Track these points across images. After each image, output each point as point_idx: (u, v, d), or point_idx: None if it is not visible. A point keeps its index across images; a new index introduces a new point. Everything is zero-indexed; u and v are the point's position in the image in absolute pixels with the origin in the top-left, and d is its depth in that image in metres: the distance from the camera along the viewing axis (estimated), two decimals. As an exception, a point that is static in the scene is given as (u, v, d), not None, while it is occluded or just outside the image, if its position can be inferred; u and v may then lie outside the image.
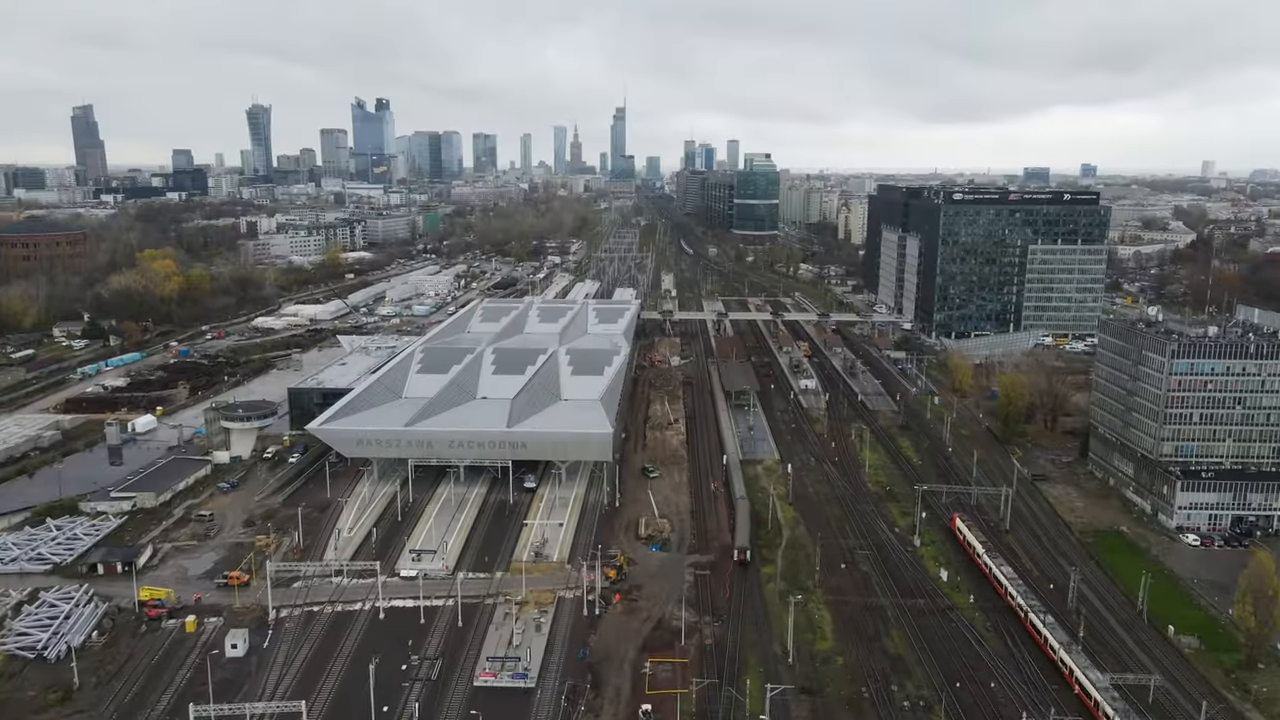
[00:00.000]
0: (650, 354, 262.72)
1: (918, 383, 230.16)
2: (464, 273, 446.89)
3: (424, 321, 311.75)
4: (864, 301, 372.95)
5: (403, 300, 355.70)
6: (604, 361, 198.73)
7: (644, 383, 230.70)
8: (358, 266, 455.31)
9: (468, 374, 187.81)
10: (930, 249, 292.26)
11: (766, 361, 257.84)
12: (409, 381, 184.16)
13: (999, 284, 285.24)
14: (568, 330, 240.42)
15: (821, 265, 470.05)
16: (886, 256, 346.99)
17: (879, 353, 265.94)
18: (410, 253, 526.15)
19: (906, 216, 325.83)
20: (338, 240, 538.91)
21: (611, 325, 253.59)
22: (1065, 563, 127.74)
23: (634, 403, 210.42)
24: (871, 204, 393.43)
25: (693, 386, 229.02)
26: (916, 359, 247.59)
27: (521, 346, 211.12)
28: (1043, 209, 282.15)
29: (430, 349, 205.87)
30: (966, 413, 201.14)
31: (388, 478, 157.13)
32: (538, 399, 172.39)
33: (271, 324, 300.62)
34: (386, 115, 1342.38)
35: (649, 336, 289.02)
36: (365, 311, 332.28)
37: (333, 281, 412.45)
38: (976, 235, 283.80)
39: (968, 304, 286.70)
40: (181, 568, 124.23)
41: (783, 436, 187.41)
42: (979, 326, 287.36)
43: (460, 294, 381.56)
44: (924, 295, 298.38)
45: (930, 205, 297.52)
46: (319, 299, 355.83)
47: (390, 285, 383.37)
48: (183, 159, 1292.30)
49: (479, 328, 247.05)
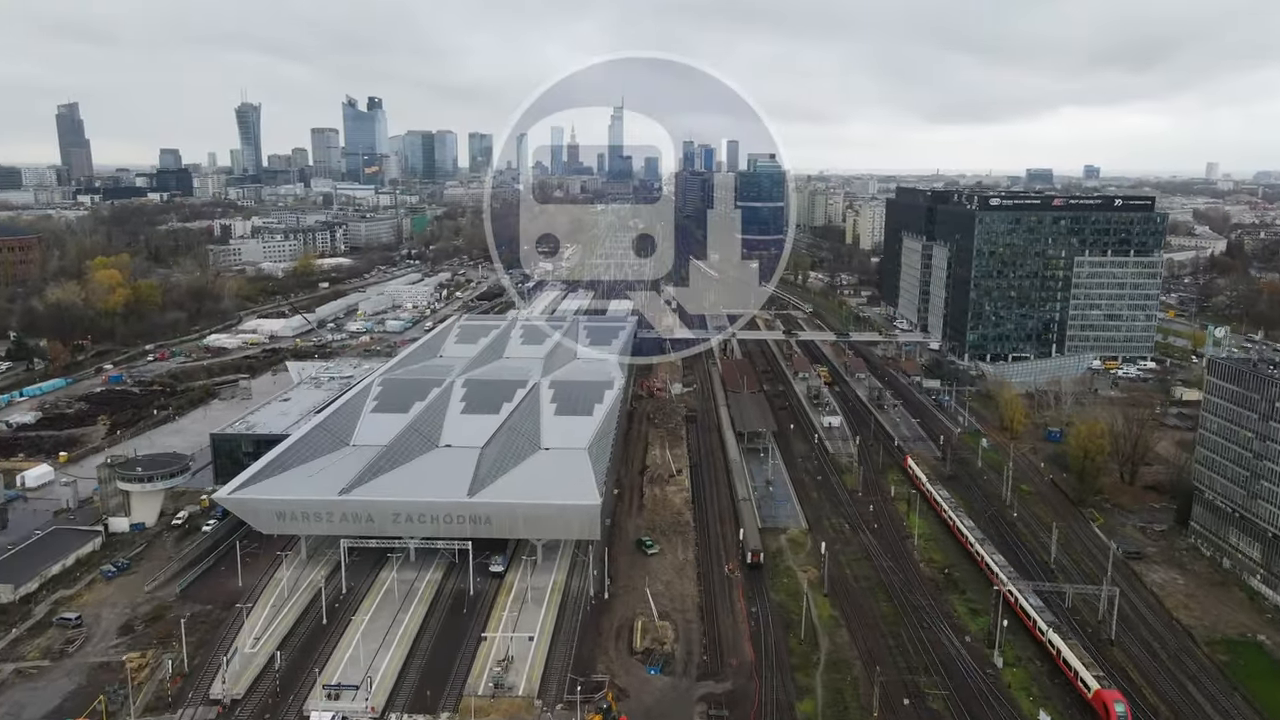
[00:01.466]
0: (649, 380, 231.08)
1: (959, 419, 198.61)
2: (448, 281, 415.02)
3: (397, 339, 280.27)
4: (881, 315, 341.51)
5: (376, 314, 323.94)
6: (594, 397, 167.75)
7: (641, 417, 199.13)
8: (334, 274, 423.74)
9: (432, 414, 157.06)
10: (962, 260, 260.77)
11: (781, 390, 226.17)
12: (361, 424, 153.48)
13: (1041, 300, 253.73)
14: (554, 354, 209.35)
15: (832, 273, 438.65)
16: (908, 267, 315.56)
17: (907, 379, 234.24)
18: (393, 259, 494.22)
19: (931, 223, 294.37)
20: (316, 245, 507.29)
21: (604, 347, 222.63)
22: (1196, 689, 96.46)
23: (629, 445, 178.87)
24: (889, 208, 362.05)
25: (697, 423, 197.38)
26: (954, 389, 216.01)
27: (498, 377, 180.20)
28: (1091, 216, 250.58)
29: (390, 381, 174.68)
30: (1023, 459, 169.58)
31: (319, 558, 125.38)
32: (513, 448, 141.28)
33: (225, 342, 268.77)
34: (379, 114, 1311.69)
35: (647, 356, 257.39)
36: (333, 327, 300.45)
37: (305, 291, 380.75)
38: (1016, 245, 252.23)
39: (1005, 322, 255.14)
40: (15, 709, 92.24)
41: (807, 493, 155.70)
42: (1017, 348, 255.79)
43: (441, 306, 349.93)
44: (954, 312, 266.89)
45: (962, 212, 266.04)
46: (284, 312, 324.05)
47: (366, 296, 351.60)
48: (170, 158, 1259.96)
49: (453, 350, 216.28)
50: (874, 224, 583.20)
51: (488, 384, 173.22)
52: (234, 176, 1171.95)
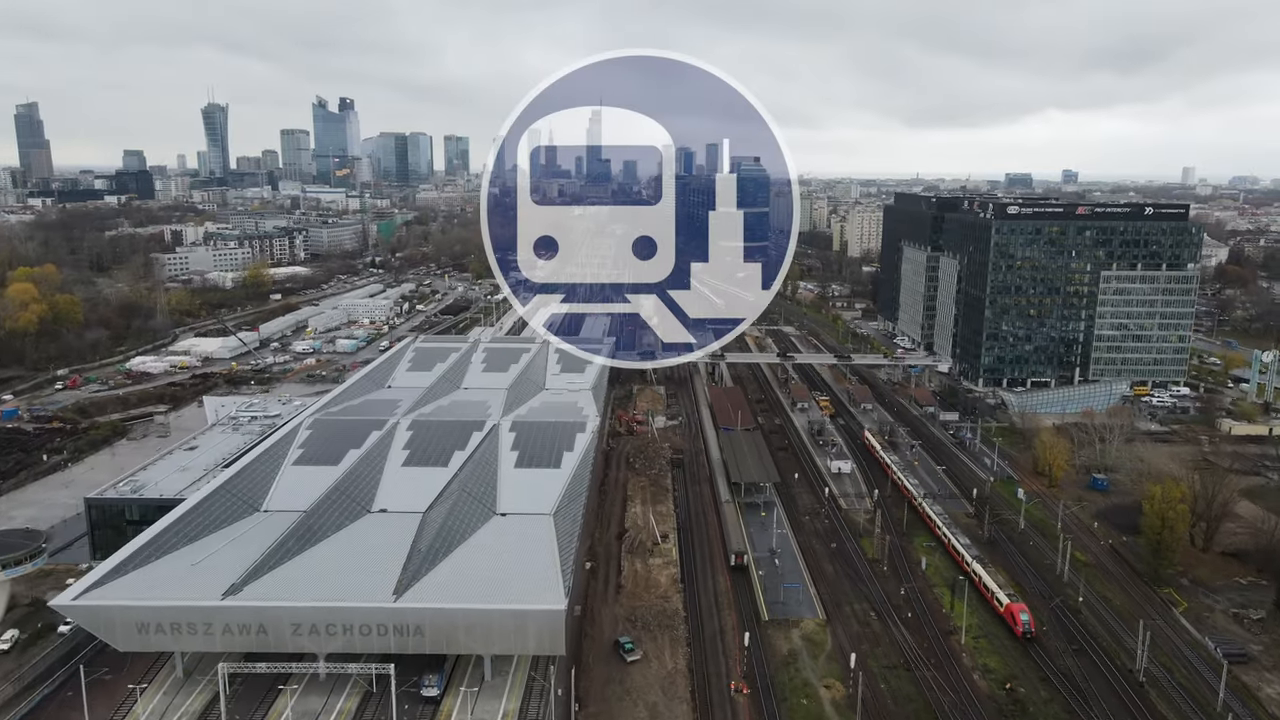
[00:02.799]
0: (627, 413, 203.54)
1: (985, 460, 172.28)
2: (412, 293, 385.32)
3: (347, 362, 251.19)
4: (880, 332, 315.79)
5: (327, 331, 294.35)
6: (563, 443, 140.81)
7: (619, 460, 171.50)
8: (289, 284, 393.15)
9: (367, 466, 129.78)
10: (975, 274, 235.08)
11: (778, 424, 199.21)
12: (278, 482, 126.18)
13: (1063, 319, 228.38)
14: (519, 384, 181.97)
15: (823, 284, 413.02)
16: (910, 279, 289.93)
17: (920, 410, 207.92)
18: (355, 267, 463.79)
19: (938, 232, 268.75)
20: (274, 253, 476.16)
21: (577, 376, 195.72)
22: None
23: (604, 498, 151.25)
24: (887, 215, 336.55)
25: (684, 468, 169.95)
26: (974, 423, 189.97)
27: (451, 416, 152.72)
28: (1119, 225, 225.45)
29: (322, 423, 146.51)
30: (1071, 518, 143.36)
31: (200, 678, 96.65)
32: (461, 515, 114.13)
33: (151, 366, 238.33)
34: (350, 115, 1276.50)
35: (626, 383, 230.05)
36: (276, 348, 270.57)
37: (254, 304, 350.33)
38: (1036, 258, 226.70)
39: (1023, 343, 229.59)
40: None
41: (820, 566, 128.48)
42: (1037, 371, 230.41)
43: (401, 321, 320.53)
44: (966, 331, 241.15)
45: (974, 220, 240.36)
46: (228, 329, 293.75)
47: (319, 310, 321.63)
48: (134, 160, 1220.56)
49: (404, 380, 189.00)
50: (863, 230, 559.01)
51: (438, 426, 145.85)
52: (199, 179, 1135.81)
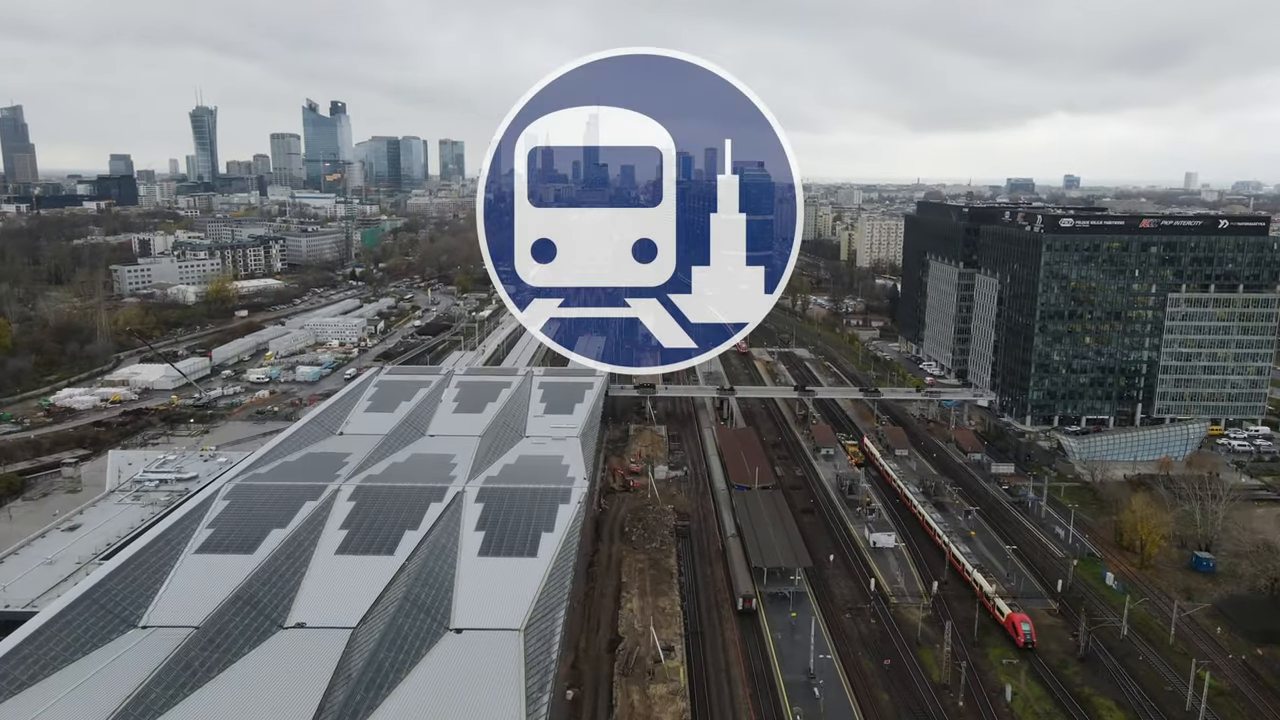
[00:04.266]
0: (620, 462, 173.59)
1: (1055, 529, 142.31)
2: (390, 309, 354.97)
3: (307, 395, 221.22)
4: (901, 354, 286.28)
5: (290, 355, 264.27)
6: (541, 520, 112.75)
7: (611, 530, 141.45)
8: (258, 299, 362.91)
9: (288, 559, 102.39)
10: (1021, 295, 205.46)
11: (800, 476, 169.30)
12: (169, 584, 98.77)
13: (1124, 347, 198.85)
14: (495, 430, 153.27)
15: (835, 298, 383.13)
16: (938, 297, 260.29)
17: (964, 457, 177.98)
18: (334, 279, 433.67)
19: (971, 246, 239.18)
20: (248, 263, 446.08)
21: (564, 418, 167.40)
22: None
23: (592, 587, 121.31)
24: (910, 226, 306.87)
25: (691, 538, 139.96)
26: (1036, 478, 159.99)
27: (408, 480, 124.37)
28: (1189, 241, 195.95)
29: (244, 492, 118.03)
30: (1183, 617, 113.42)
31: None
32: (402, 635, 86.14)
33: (78, 400, 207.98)
34: (342, 119, 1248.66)
35: (621, 422, 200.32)
36: (229, 376, 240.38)
37: (217, 322, 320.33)
38: (1093, 278, 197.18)
39: (1077, 375, 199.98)
40: None
41: (873, 696, 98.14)
42: (1093, 408, 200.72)
43: (374, 343, 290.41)
44: (1008, 360, 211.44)
45: (1020, 234, 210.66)
46: (178, 352, 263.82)
47: (285, 330, 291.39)
48: (121, 164, 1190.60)
49: (360, 424, 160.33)
50: (873, 239, 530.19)
51: (388, 495, 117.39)
52: (186, 184, 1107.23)
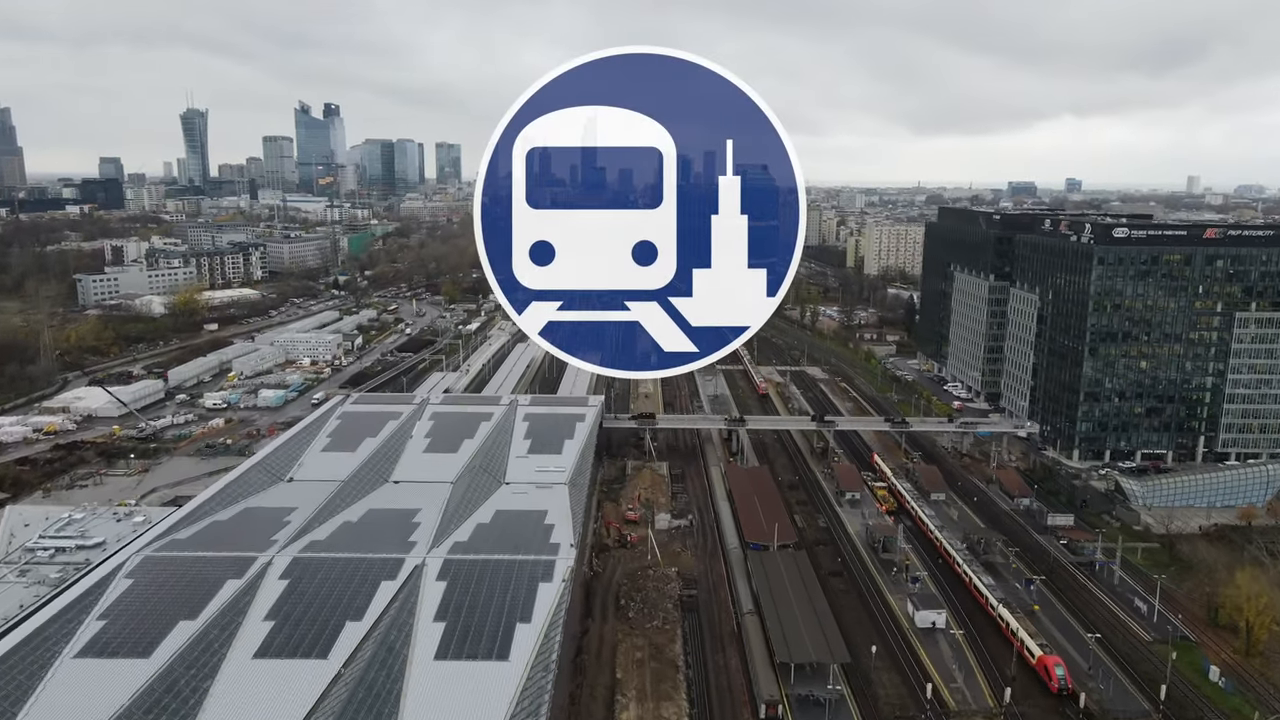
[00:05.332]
0: (616, 509, 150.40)
1: (1136, 603, 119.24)
2: (372, 321, 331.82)
3: (267, 424, 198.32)
4: (922, 373, 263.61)
5: (255, 376, 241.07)
6: (517, 606, 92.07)
7: (604, 603, 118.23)
8: (231, 310, 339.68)
9: (195, 660, 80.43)
10: (1069, 313, 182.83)
11: (823, 527, 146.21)
12: (39, 696, 77.32)
13: (1186, 374, 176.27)
14: (470, 476, 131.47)
15: (845, 309, 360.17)
16: (965, 313, 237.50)
17: (1012, 503, 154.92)
18: (315, 289, 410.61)
19: (1004, 257, 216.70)
20: (225, 271, 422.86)
21: (551, 458, 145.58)
22: None
23: (581, 687, 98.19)
24: (930, 233, 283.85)
25: (698, 612, 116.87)
26: (1101, 534, 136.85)
27: (358, 550, 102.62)
28: (1259, 254, 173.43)
29: (153, 567, 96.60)
30: None
31: None
32: None
33: (7, 431, 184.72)
34: (336, 121, 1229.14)
35: (618, 457, 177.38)
36: (185, 400, 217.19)
37: (186, 336, 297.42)
38: (1152, 295, 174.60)
39: (1131, 404, 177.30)
40: None
41: None
42: (1149, 441, 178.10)
43: (350, 360, 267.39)
44: (1051, 386, 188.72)
45: (1064, 245, 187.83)
46: (134, 372, 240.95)
47: (254, 347, 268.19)
48: (110, 168, 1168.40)
49: (314, 468, 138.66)
50: (881, 245, 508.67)
51: (330, 570, 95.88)
52: (175, 188, 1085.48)
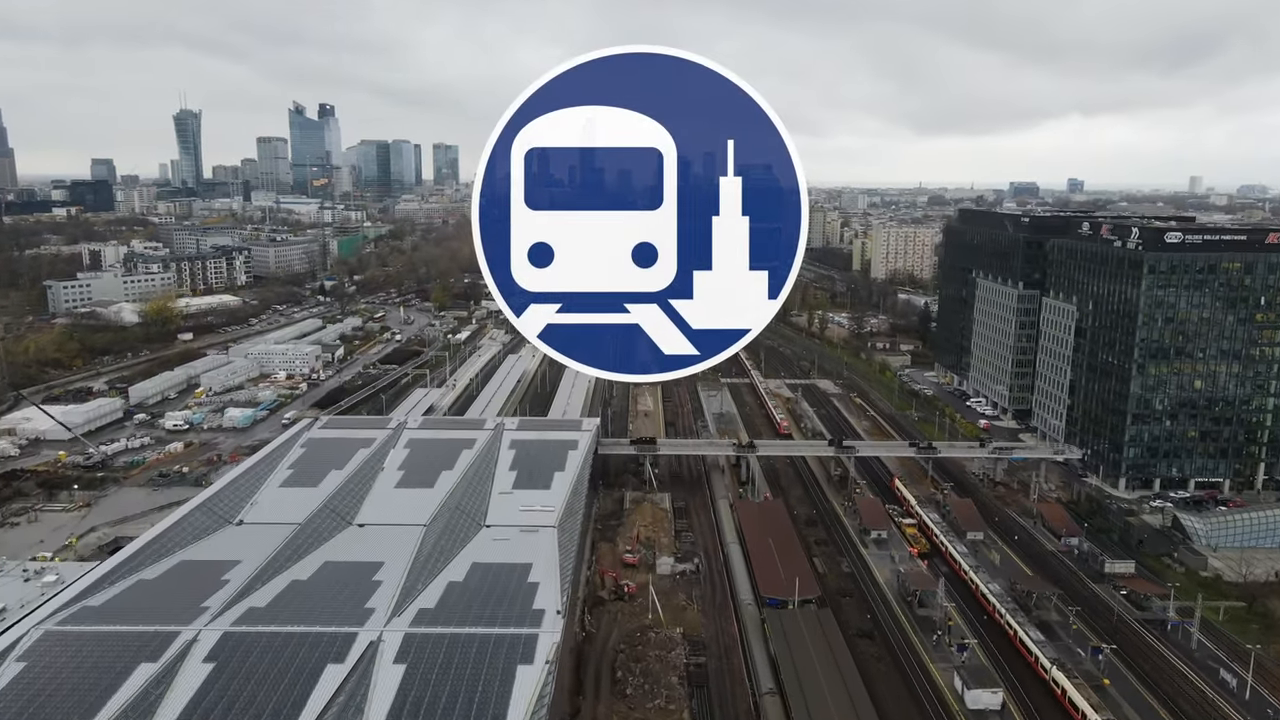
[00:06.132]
0: (611, 555, 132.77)
1: (1224, 676, 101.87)
2: (356, 330, 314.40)
3: (230, 448, 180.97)
4: (941, 385, 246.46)
5: (225, 392, 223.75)
6: (489, 700, 74.71)
7: (596, 676, 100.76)
8: (209, 319, 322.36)
9: None
10: (1113, 327, 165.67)
11: (848, 573, 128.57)
12: None
13: (1245, 394, 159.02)
14: (445, 517, 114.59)
15: (855, 315, 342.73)
16: (989, 323, 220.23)
17: (1059, 542, 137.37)
18: (300, 295, 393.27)
19: (1034, 263, 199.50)
20: (207, 276, 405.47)
21: (539, 494, 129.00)
22: None
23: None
24: (949, 236, 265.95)
25: (708, 687, 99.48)
26: (1170, 585, 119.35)
27: (300, 622, 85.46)
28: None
29: (52, 645, 79.23)
30: None
31: None
32: None
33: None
34: (331, 122, 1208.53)
35: (614, 487, 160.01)
36: (144, 420, 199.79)
37: (158, 346, 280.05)
38: (1207, 308, 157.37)
39: (1184, 427, 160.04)
40: None
41: None
42: (1204, 468, 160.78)
43: (329, 374, 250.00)
44: (1094, 407, 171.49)
45: (1107, 251, 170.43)
46: (94, 389, 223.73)
47: (225, 360, 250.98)
48: (102, 169, 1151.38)
49: (270, 507, 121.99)
50: (889, 248, 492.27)
51: (264, 651, 78.41)
52: (167, 189, 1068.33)
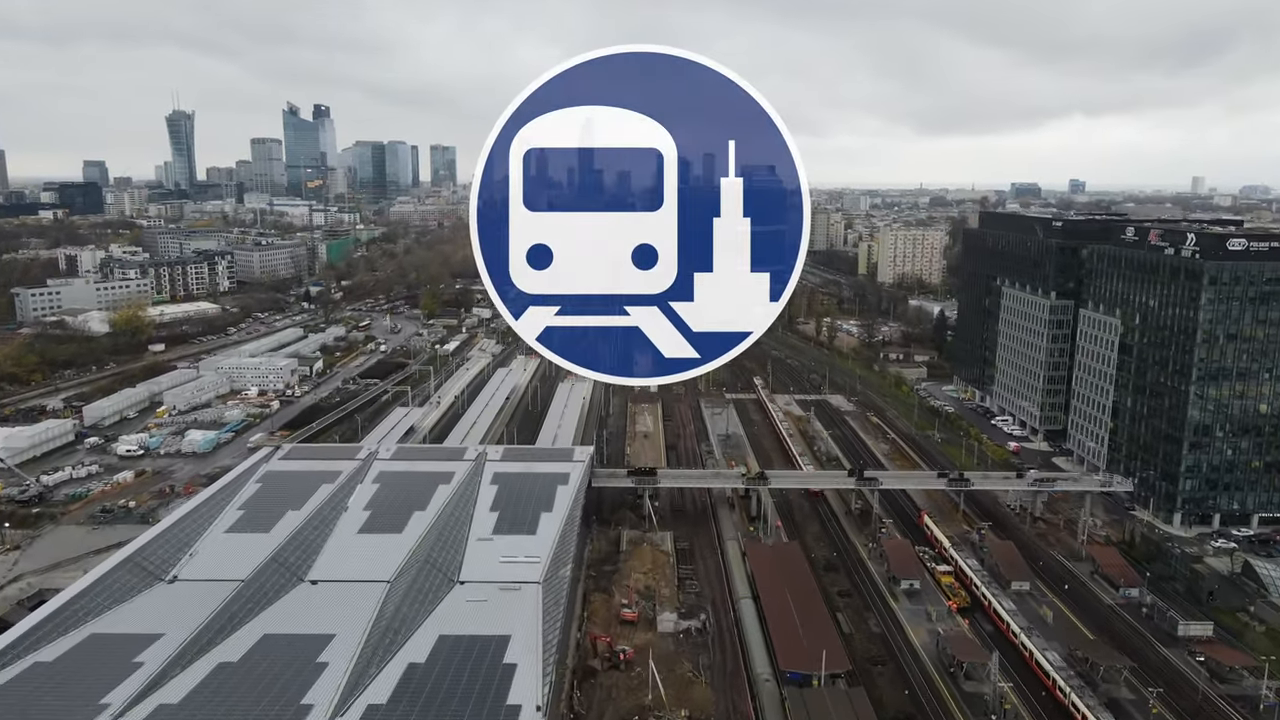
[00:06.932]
0: (605, 609, 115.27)
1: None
2: (339, 340, 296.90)
3: (187, 477, 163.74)
4: (961, 401, 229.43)
5: (190, 410, 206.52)
6: None
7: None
8: (184, 328, 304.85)
9: None
10: (1167, 344, 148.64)
11: (878, 636, 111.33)
12: None
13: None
14: (413, 571, 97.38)
15: (866, 323, 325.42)
16: (1016, 335, 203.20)
17: (1120, 594, 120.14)
18: (283, 302, 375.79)
19: (1070, 272, 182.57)
20: (188, 283, 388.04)
21: (523, 540, 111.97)
22: None
23: None
24: (968, 239, 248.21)
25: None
26: (1268, 665, 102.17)
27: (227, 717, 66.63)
28: None
29: None
30: None
31: None
32: None
33: None
34: (326, 123, 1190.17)
35: (610, 524, 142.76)
36: (97, 444, 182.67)
37: (127, 358, 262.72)
38: (1275, 323, 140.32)
39: (1247, 457, 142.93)
40: None
41: None
42: (1269, 502, 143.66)
43: (305, 390, 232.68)
44: (1142, 431, 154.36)
45: (1158, 259, 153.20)
46: (49, 408, 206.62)
47: (194, 374, 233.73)
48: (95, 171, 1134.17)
49: (211, 559, 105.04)
50: (895, 252, 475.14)
51: None
52: (159, 191, 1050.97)
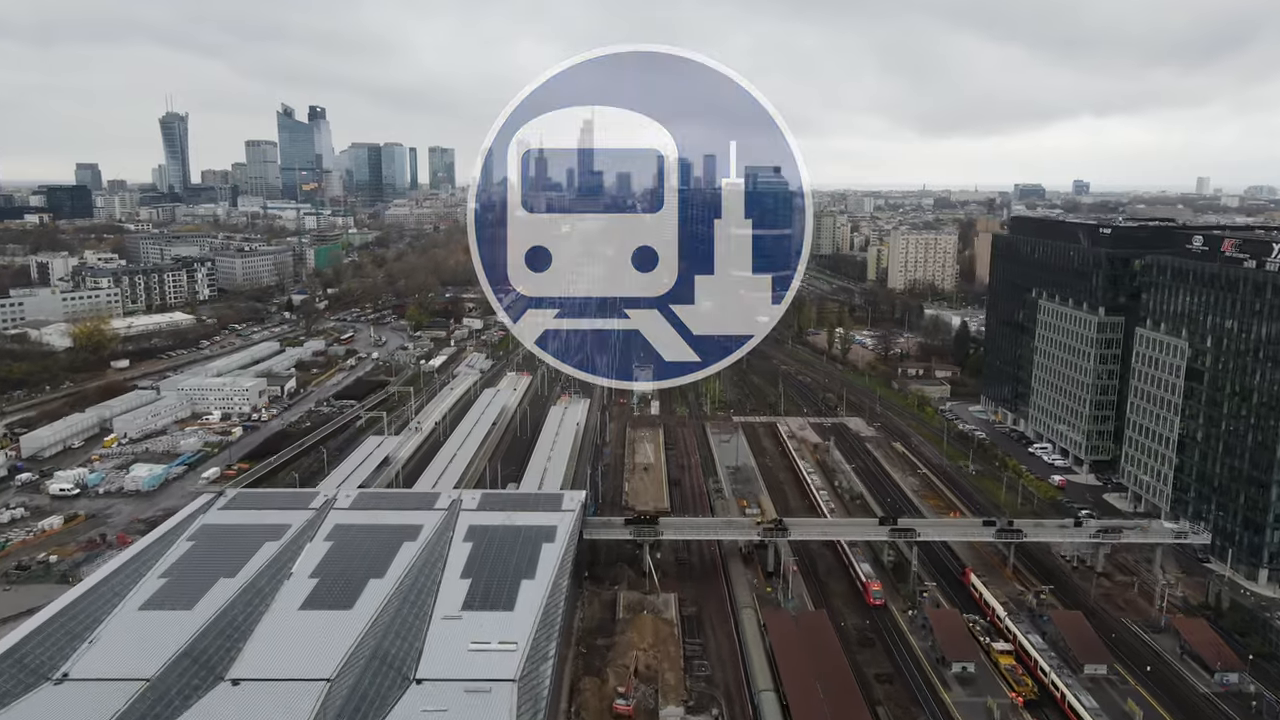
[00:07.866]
0: (597, 697, 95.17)
1: None
2: (317, 354, 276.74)
3: (123, 521, 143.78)
4: (990, 423, 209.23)
5: (143, 439, 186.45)
6: None
7: None
8: (153, 342, 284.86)
9: None
10: (1249, 373, 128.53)
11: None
12: None
13: None
14: (364, 659, 76.63)
15: (880, 333, 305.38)
16: (1057, 353, 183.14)
17: (1216, 677, 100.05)
18: (263, 311, 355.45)
19: (1122, 285, 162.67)
20: (165, 291, 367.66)
21: (499, 617, 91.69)
22: None
23: None
24: (1000, 246, 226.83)
25: None
26: None
27: None
28: None
29: None
30: None
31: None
32: None
33: None
34: (321, 124, 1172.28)
35: (604, 582, 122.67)
36: (31, 478, 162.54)
37: (88, 376, 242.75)
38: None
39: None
40: None
41: None
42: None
43: (274, 414, 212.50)
44: (1215, 470, 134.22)
45: (1236, 273, 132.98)
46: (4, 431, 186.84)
47: (156, 395, 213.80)
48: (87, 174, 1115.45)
49: (112, 651, 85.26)
50: (906, 257, 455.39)
51: None
52: (152, 194, 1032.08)
